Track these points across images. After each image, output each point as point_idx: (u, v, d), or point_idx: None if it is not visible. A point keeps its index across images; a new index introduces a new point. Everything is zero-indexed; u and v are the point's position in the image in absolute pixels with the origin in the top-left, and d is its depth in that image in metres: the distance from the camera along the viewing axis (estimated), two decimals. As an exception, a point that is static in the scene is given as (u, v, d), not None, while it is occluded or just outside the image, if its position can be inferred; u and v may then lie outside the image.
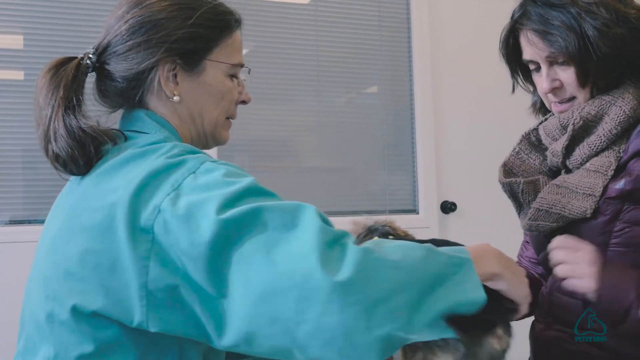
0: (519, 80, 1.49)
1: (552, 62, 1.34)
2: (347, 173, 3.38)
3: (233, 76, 1.24)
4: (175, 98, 1.15)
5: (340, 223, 1.14)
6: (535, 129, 1.50)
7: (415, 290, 0.91)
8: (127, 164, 1.04)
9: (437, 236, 3.24)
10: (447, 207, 3.31)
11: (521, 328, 1.53)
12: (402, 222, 1.46)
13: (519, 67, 1.47)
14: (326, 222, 0.95)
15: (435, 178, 3.35)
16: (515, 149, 1.53)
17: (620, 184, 1.27)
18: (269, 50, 3.24)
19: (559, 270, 1.24)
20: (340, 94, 3.40)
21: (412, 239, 1.33)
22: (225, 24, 1.22)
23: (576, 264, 1.22)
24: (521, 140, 1.53)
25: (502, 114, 3.12)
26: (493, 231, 2.55)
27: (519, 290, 1.08)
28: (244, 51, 3.22)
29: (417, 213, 3.32)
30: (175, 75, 1.15)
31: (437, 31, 3.45)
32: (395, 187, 3.41)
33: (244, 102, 1.29)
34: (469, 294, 0.96)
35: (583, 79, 1.32)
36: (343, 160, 3.38)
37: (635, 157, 1.27)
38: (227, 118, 1.26)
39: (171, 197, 0.96)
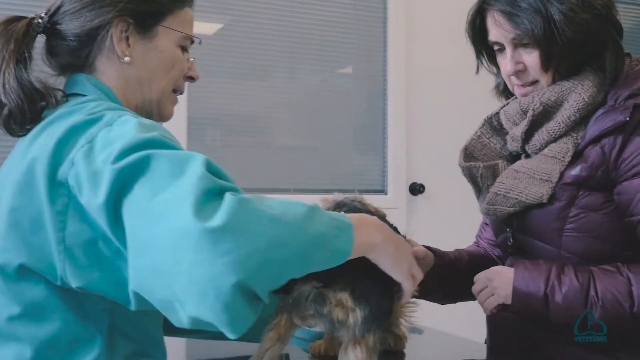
0: (484, 62, 1.49)
1: (517, 44, 1.35)
2: (318, 152, 3.38)
3: (183, 49, 1.24)
4: (126, 59, 1.15)
5: (310, 201, 1.16)
6: (497, 113, 1.51)
7: (293, 248, 0.88)
8: (54, 123, 1.04)
9: (404, 218, 3.27)
10: (416, 189, 3.33)
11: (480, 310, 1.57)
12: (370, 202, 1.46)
13: (484, 49, 1.47)
14: (217, 173, 0.91)
15: (405, 160, 3.36)
16: (477, 132, 1.53)
17: (576, 171, 1.29)
18: (244, 25, 3.22)
19: (480, 296, 1.36)
20: (314, 73, 3.40)
21: (383, 216, 1.34)
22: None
23: (496, 289, 1.33)
24: (483, 124, 1.53)
25: (474, 98, 3.12)
26: (460, 213, 2.57)
27: (399, 264, 1.05)
28: (219, 26, 3.20)
29: (386, 194, 3.34)
30: (127, 38, 1.16)
31: (413, 14, 3.44)
32: (365, 168, 3.43)
33: (192, 78, 1.28)
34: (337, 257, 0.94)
35: (546, 63, 1.33)
36: (314, 139, 3.38)
37: (592, 144, 1.29)
38: (175, 91, 1.26)
39: (85, 150, 0.96)
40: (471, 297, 1.44)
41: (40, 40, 1.18)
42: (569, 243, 1.30)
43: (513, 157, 1.49)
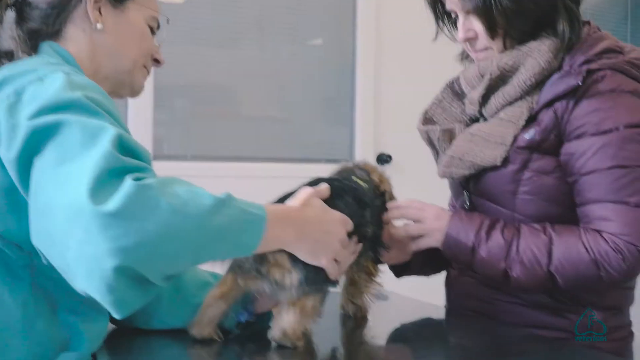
0: (445, 29, 1.50)
1: (467, 12, 1.36)
2: (286, 122, 3.38)
3: (151, 30, 1.28)
4: (99, 26, 1.18)
5: (276, 169, 1.17)
6: (458, 78, 1.51)
7: (188, 240, 0.86)
8: None
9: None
10: (383, 159, 3.35)
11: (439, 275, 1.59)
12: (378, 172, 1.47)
13: (446, 15, 1.48)
14: (129, 150, 0.90)
15: (372, 130, 3.38)
16: (438, 97, 1.54)
17: (529, 134, 1.31)
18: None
19: (411, 229, 1.36)
20: (285, 44, 3.38)
21: (387, 189, 1.38)
22: None
23: (424, 221, 1.35)
24: (444, 89, 1.54)
25: (442, 70, 3.14)
26: (427, 183, 2.58)
27: (316, 258, 1.06)
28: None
29: (353, 164, 3.36)
30: (99, 8, 1.19)
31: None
32: (333, 138, 3.44)
33: (157, 61, 1.32)
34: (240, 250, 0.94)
35: (491, 32, 1.35)
36: (283, 109, 3.38)
37: (545, 108, 1.30)
38: (144, 67, 1.29)
39: (11, 102, 0.95)
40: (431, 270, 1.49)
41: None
42: (522, 205, 1.33)
43: (472, 122, 1.49)
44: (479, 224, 1.31)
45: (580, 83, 1.26)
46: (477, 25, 1.36)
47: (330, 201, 1.14)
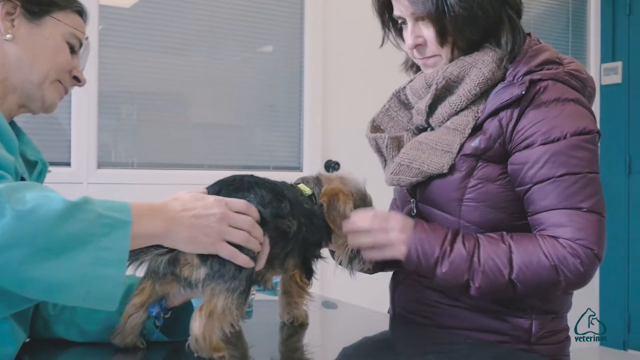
0: (390, 36, 1.51)
1: (417, 18, 1.38)
2: (236, 129, 3.37)
3: (72, 49, 1.29)
4: (8, 36, 1.21)
5: (225, 176, 1.17)
6: (405, 88, 1.53)
7: (38, 247, 0.85)
8: None
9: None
10: (331, 166, 3.37)
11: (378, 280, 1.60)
12: (286, 179, 1.45)
13: (391, 22, 1.49)
14: None
15: (320, 138, 3.39)
16: (385, 106, 1.56)
17: (475, 142, 1.34)
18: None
19: (376, 239, 1.32)
20: (235, 51, 3.38)
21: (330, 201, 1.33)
22: (69, 1, 1.29)
23: (390, 232, 1.33)
24: (391, 98, 1.56)
25: (389, 78, 3.19)
26: (374, 190, 2.62)
27: (196, 246, 1.04)
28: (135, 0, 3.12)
29: (301, 170, 3.36)
30: (13, 20, 1.22)
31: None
32: (281, 145, 3.44)
33: (77, 79, 1.32)
34: (106, 269, 0.91)
35: (442, 38, 1.37)
36: (233, 116, 3.37)
37: (491, 117, 1.33)
38: (60, 82, 1.29)
39: None
40: (396, 265, 1.48)
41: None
42: (468, 213, 1.35)
43: (419, 131, 1.51)
44: (443, 236, 1.32)
45: (523, 92, 1.30)
46: (427, 32, 1.38)
47: (238, 193, 1.13)
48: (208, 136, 3.29)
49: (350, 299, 1.75)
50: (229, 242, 1.06)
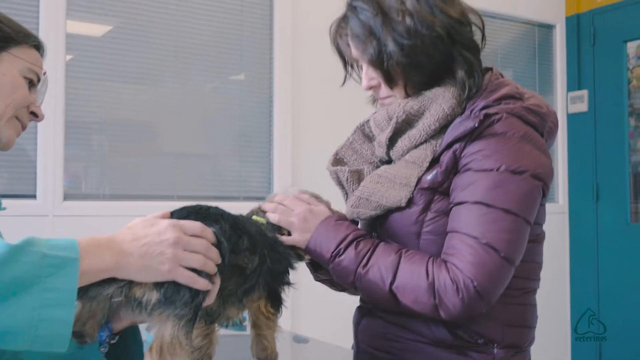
0: (353, 74, 1.54)
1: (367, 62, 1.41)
2: (206, 159, 3.36)
3: (31, 84, 1.28)
4: None
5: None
6: (369, 120, 1.54)
7: None
8: None
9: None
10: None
11: (346, 313, 1.60)
12: (249, 209, 1.47)
13: (355, 62, 1.51)
14: None
15: (290, 167, 3.39)
16: (349, 139, 1.57)
17: (432, 175, 1.35)
18: (134, 29, 3.16)
19: (280, 220, 1.40)
20: (207, 80, 3.38)
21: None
22: (26, 36, 1.29)
23: (292, 217, 1.40)
24: (355, 131, 1.57)
25: (358, 108, 3.22)
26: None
27: (149, 275, 1.01)
28: (107, 28, 3.11)
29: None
30: None
31: (298, 20, 3.49)
32: (251, 175, 3.43)
33: (35, 115, 1.31)
34: (54, 311, 0.89)
35: (389, 82, 1.40)
36: (203, 146, 3.36)
37: (446, 149, 1.35)
38: (17, 119, 1.28)
39: None
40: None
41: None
42: (426, 246, 1.35)
43: (383, 164, 1.52)
44: (343, 237, 1.36)
45: (477, 125, 1.31)
46: (378, 75, 1.41)
47: (204, 222, 1.11)
48: (178, 166, 3.27)
49: (317, 332, 1.75)
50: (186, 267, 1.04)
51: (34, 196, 2.90)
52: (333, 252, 1.35)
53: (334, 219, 1.40)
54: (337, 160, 1.54)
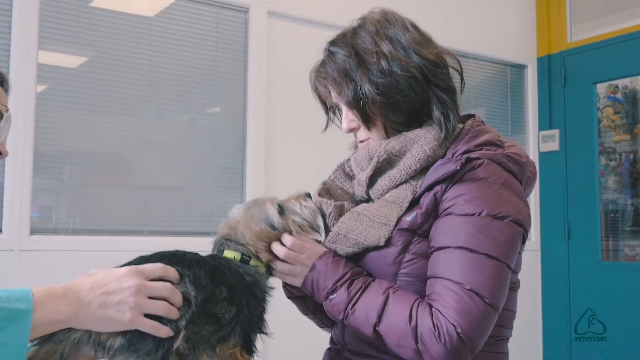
0: (333, 118, 1.56)
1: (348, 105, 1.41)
2: (182, 192, 3.32)
3: None
4: None
5: (174, 243, 1.10)
6: (349, 160, 1.54)
7: None
8: None
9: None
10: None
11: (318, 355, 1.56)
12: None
13: (335, 106, 1.53)
14: None
15: (263, 202, 3.36)
16: (331, 176, 1.56)
17: (412, 216, 1.33)
18: (109, 61, 3.13)
19: (279, 267, 1.37)
20: (181, 113, 3.36)
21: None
22: None
23: (298, 266, 1.36)
24: (336, 170, 1.57)
25: (333, 141, 3.22)
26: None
27: (107, 325, 0.98)
28: (83, 59, 3.08)
29: (244, 236, 3.31)
30: None
31: (273, 58, 3.50)
32: (225, 208, 3.37)
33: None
34: None
35: (367, 123, 1.40)
36: (176, 179, 3.32)
37: (427, 191, 1.33)
38: None
39: None
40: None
41: None
42: (402, 287, 1.32)
43: (365, 202, 1.51)
44: (340, 276, 1.33)
45: (458, 168, 1.30)
46: (356, 117, 1.41)
47: (175, 267, 1.08)
48: (150, 199, 3.22)
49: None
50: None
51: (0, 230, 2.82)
52: (328, 291, 1.33)
53: (331, 256, 1.37)
54: (325, 190, 1.53)
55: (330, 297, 1.32)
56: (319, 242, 1.43)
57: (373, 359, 1.36)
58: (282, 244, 1.37)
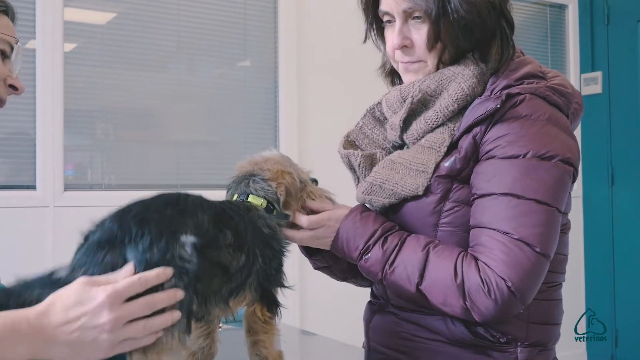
0: (372, 35, 1.41)
1: (407, 17, 1.28)
2: (211, 146, 3.30)
3: (2, 54, 1.18)
4: None
5: (208, 197, 1.05)
6: (380, 103, 1.44)
7: None
8: None
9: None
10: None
11: (358, 310, 1.51)
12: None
13: (375, 20, 1.39)
14: None
15: (296, 153, 3.31)
16: (359, 123, 1.46)
17: (450, 162, 1.24)
18: (139, 16, 3.08)
19: (304, 234, 1.30)
20: (211, 67, 3.31)
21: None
22: None
23: (322, 229, 1.30)
24: (365, 115, 1.46)
25: (367, 93, 3.14)
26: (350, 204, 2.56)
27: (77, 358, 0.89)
28: (112, 15, 3.04)
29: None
30: None
31: (304, 7, 3.42)
32: (258, 161, 3.36)
33: (14, 87, 1.21)
34: None
35: (434, 41, 1.27)
36: (208, 133, 3.30)
37: (465, 134, 1.25)
38: None
39: None
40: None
41: None
42: (444, 238, 1.25)
43: (395, 149, 1.42)
44: (371, 233, 1.26)
45: (498, 106, 1.21)
46: (416, 33, 1.29)
47: (182, 216, 1.01)
48: (182, 153, 3.21)
49: (327, 330, 1.66)
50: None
51: (33, 187, 2.82)
52: (361, 250, 1.25)
53: (359, 212, 1.30)
54: (349, 143, 1.44)
55: (365, 256, 1.25)
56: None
57: (419, 313, 1.30)
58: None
